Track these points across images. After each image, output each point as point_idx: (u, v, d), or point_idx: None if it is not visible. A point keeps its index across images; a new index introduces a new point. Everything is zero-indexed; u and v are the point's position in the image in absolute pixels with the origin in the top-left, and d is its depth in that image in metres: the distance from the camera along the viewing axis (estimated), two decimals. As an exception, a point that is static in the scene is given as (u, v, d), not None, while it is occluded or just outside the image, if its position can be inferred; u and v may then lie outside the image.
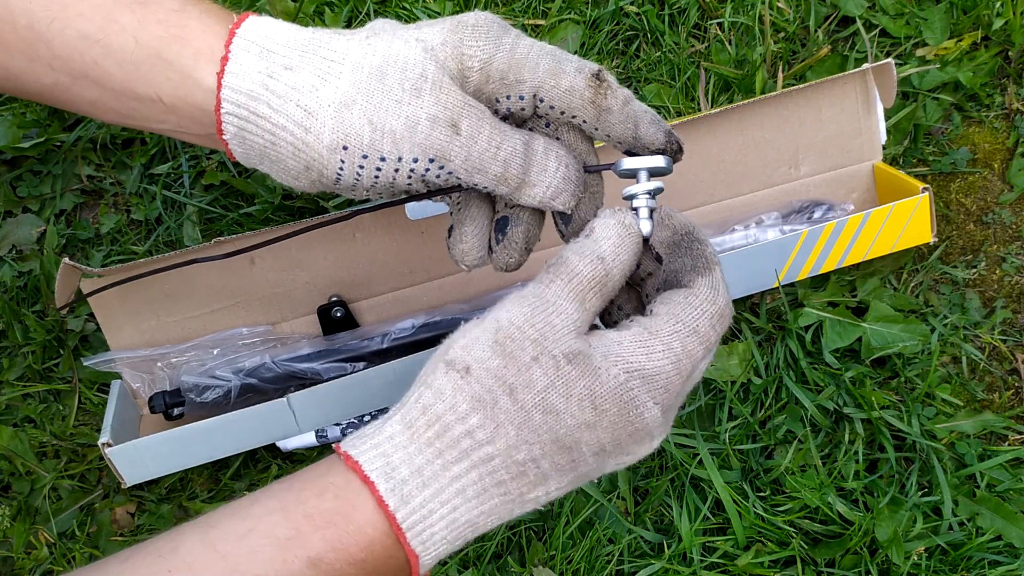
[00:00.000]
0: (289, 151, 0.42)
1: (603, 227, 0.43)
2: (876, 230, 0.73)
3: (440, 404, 0.39)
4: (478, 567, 0.72)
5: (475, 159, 0.42)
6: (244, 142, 0.43)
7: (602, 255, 0.42)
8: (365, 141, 0.41)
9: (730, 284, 0.73)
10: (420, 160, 0.42)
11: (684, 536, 0.70)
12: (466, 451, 0.39)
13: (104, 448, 0.67)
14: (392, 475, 0.38)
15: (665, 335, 0.41)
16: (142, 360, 0.75)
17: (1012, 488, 0.72)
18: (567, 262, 0.42)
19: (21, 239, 0.82)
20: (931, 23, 0.83)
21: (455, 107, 0.42)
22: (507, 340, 0.40)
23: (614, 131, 0.46)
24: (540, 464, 0.40)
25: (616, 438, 0.40)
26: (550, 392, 0.39)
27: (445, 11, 0.85)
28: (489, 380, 0.39)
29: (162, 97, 0.43)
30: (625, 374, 0.40)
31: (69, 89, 0.44)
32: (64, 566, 0.74)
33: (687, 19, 0.85)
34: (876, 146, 0.79)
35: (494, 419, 0.39)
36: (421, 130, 0.41)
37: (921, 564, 0.69)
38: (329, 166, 0.42)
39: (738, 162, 0.78)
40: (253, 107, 0.41)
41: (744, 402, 0.75)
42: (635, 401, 0.40)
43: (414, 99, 0.41)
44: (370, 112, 0.41)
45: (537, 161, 0.44)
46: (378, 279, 0.77)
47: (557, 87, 0.44)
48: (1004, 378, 0.78)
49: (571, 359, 0.40)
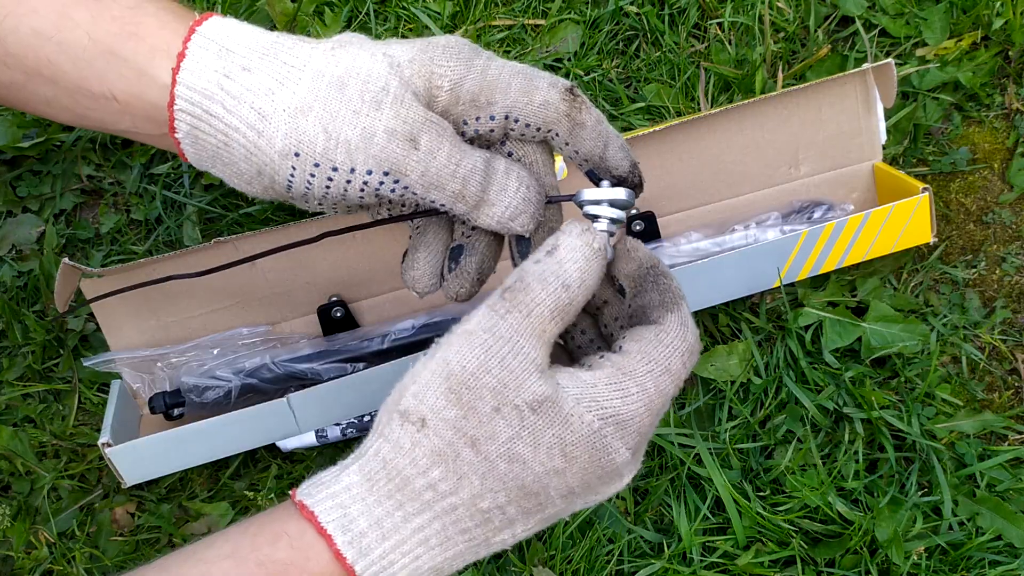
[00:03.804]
0: (241, 153, 0.41)
1: (569, 248, 0.39)
2: (876, 230, 0.73)
3: (400, 458, 0.38)
4: (478, 567, 0.72)
5: (432, 175, 0.41)
6: (196, 142, 0.42)
7: (567, 282, 0.39)
8: (318, 149, 0.40)
9: (730, 284, 0.74)
10: (374, 173, 0.40)
11: (684, 536, 0.70)
12: (428, 503, 0.38)
13: (104, 448, 0.67)
14: (350, 527, 0.37)
15: (639, 375, 0.39)
16: (142, 360, 0.75)
17: (1012, 488, 0.72)
18: (528, 289, 0.38)
19: (21, 239, 0.82)
20: (931, 23, 0.83)
21: (415, 122, 0.40)
22: (462, 388, 0.38)
23: (583, 147, 0.44)
24: (506, 510, 0.39)
25: (585, 481, 0.39)
26: (515, 442, 0.38)
27: (445, 11, 0.85)
28: (448, 432, 0.38)
29: (116, 95, 0.42)
30: (600, 421, 0.38)
31: (24, 87, 0.43)
32: (64, 566, 0.74)
33: (687, 19, 0.85)
34: (876, 146, 0.79)
35: (456, 471, 0.38)
36: (377, 142, 0.40)
37: (921, 564, 0.69)
38: (280, 172, 0.41)
39: (738, 162, 0.78)
40: (207, 106, 0.40)
41: (744, 402, 0.75)
42: (608, 448, 0.38)
43: (373, 111, 0.40)
44: (326, 120, 0.40)
45: (497, 180, 0.42)
46: (378, 279, 0.77)
47: (531, 103, 0.43)
48: (1004, 378, 0.78)
49: (536, 408, 0.38)
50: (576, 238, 0.39)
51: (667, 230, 0.79)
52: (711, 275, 0.73)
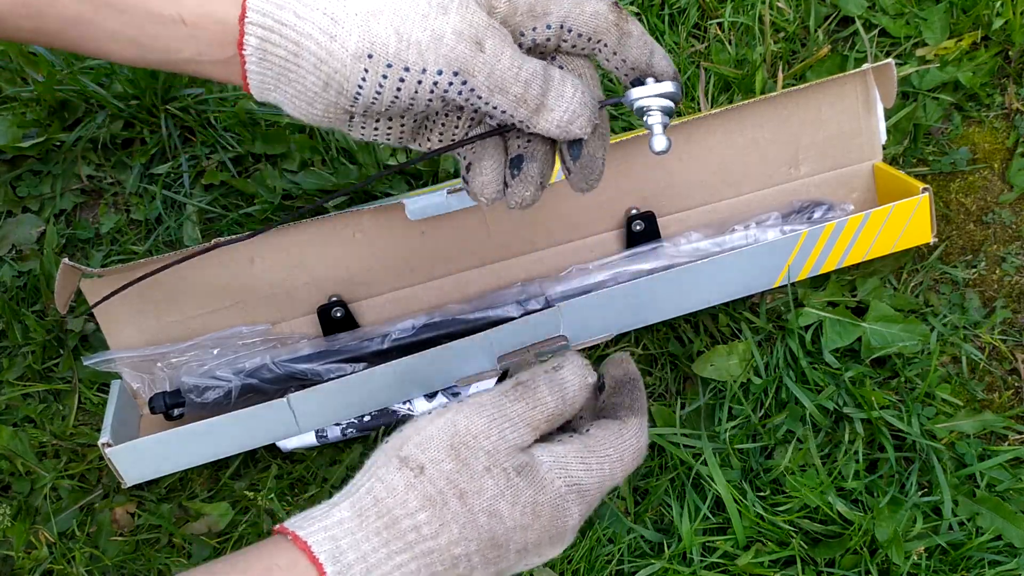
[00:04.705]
0: (311, 63, 0.42)
1: (572, 371, 0.47)
2: (876, 230, 0.73)
3: (391, 499, 0.42)
4: (478, 567, 0.72)
5: (497, 77, 0.42)
6: (264, 57, 0.43)
7: (566, 397, 0.46)
8: (391, 50, 0.41)
9: (730, 284, 0.74)
10: (444, 73, 0.42)
11: (684, 536, 0.70)
12: (411, 543, 0.41)
13: (104, 448, 0.67)
14: (340, 559, 0.40)
15: (601, 455, 0.46)
16: (142, 360, 0.75)
17: (1012, 488, 0.72)
18: (537, 390, 0.46)
19: (21, 239, 0.82)
20: (931, 23, 0.83)
21: (480, 26, 0.42)
22: (462, 447, 0.43)
23: (631, 54, 0.47)
24: (472, 559, 0.43)
25: (540, 539, 0.45)
26: (498, 500, 0.43)
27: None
28: (442, 482, 0.42)
29: (184, 17, 0.43)
30: (566, 487, 0.45)
31: (91, 22, 0.44)
32: (64, 566, 0.74)
33: (687, 19, 0.85)
34: (876, 146, 0.79)
35: (441, 518, 0.42)
36: (447, 42, 0.41)
37: (921, 564, 0.69)
38: (351, 77, 0.42)
39: (738, 162, 0.78)
40: (278, 15, 0.41)
41: (744, 402, 0.75)
42: (567, 511, 0.45)
43: (440, 14, 0.41)
44: (396, 23, 0.41)
45: (555, 86, 0.44)
46: (378, 279, 0.77)
47: (583, 13, 0.45)
48: (1004, 378, 0.78)
49: (520, 471, 0.44)
50: (579, 367, 0.47)
51: (667, 230, 0.79)
52: (711, 275, 0.73)
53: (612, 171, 0.77)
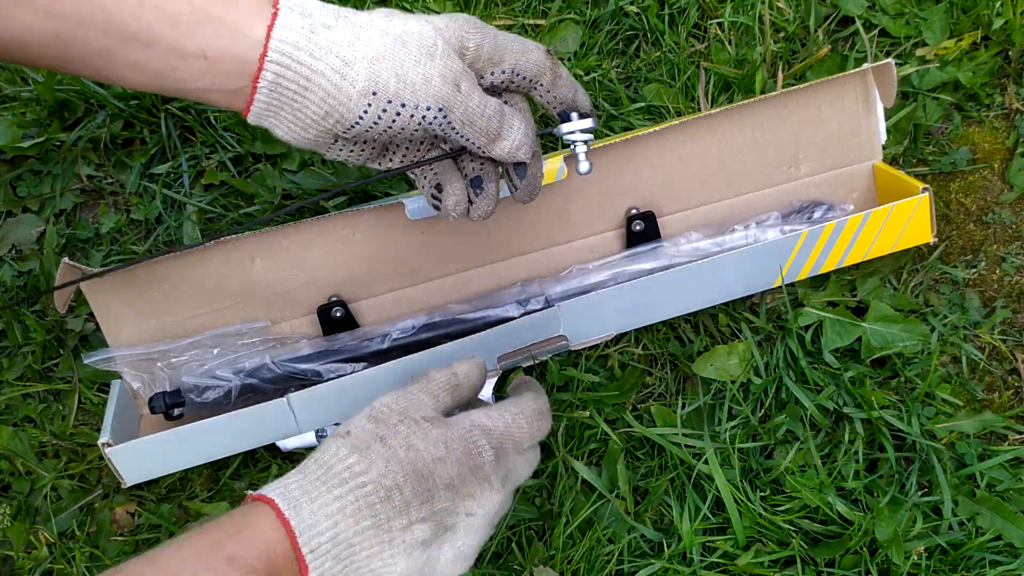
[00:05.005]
0: (318, 96, 0.50)
1: (459, 361, 0.58)
2: (876, 230, 0.73)
3: (326, 455, 0.51)
4: (478, 567, 0.72)
5: (469, 113, 0.52)
6: (275, 89, 0.49)
7: (455, 371, 0.57)
8: (391, 89, 0.50)
9: (730, 284, 0.74)
10: (432, 108, 0.51)
11: (684, 536, 0.70)
12: (345, 480, 0.50)
13: (104, 448, 0.67)
14: (287, 496, 0.49)
15: (501, 410, 0.56)
16: (142, 359, 0.75)
17: (1012, 488, 0.72)
18: (429, 373, 0.57)
19: (21, 239, 0.82)
20: (931, 23, 0.83)
21: (457, 71, 0.52)
22: (378, 414, 0.53)
23: (560, 93, 0.58)
24: (403, 490, 0.50)
25: (461, 473, 0.52)
26: (412, 436, 0.52)
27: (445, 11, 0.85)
28: (365, 435, 0.52)
29: (206, 53, 0.49)
30: (471, 424, 0.54)
31: (116, 53, 0.49)
32: (64, 566, 0.75)
33: (687, 19, 0.85)
34: (876, 146, 0.79)
35: (368, 458, 0.51)
36: (434, 84, 0.51)
37: (921, 564, 0.69)
38: (354, 109, 0.50)
39: (738, 162, 0.78)
40: (296, 55, 0.49)
41: (744, 402, 0.75)
42: (477, 444, 0.53)
43: (429, 60, 0.51)
44: (396, 67, 0.50)
45: (507, 120, 0.55)
46: (378, 279, 0.77)
47: (528, 61, 0.56)
48: (1004, 378, 0.78)
49: (428, 419, 0.53)
50: (473, 364, 0.58)
51: (667, 230, 0.79)
52: (711, 275, 0.73)
53: (612, 171, 0.77)
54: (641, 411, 0.77)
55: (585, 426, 0.75)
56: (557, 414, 0.75)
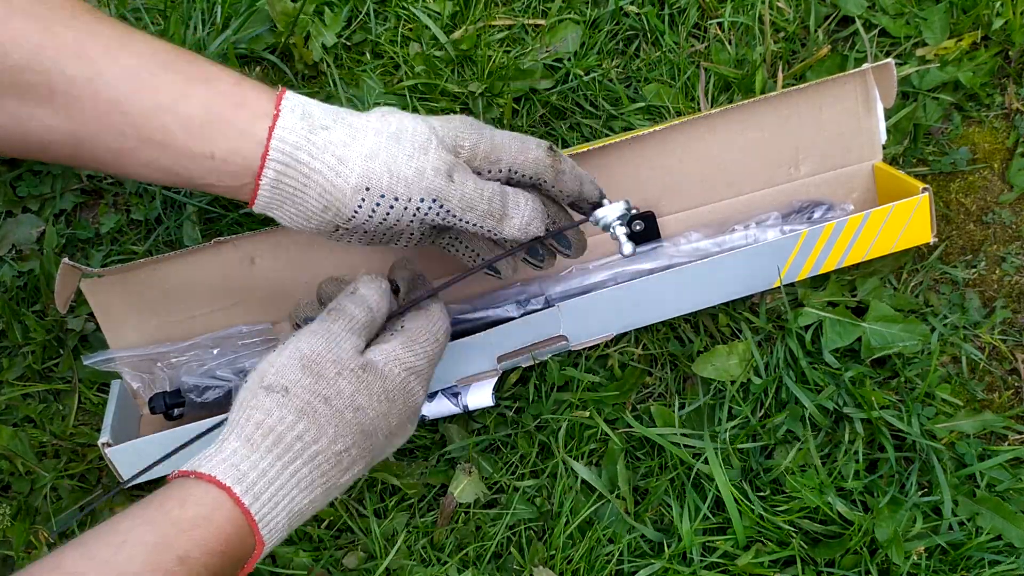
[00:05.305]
0: (316, 191, 0.53)
1: (367, 287, 0.57)
2: (876, 230, 0.73)
3: (270, 419, 0.50)
4: (478, 567, 0.72)
5: (467, 199, 0.55)
6: (277, 185, 0.53)
7: (371, 306, 0.57)
8: (384, 184, 0.53)
9: (730, 284, 0.74)
10: (425, 200, 0.54)
11: (684, 536, 0.70)
12: (299, 452, 0.49)
13: (104, 448, 0.67)
14: (243, 479, 0.47)
15: (421, 341, 0.57)
16: (142, 359, 0.75)
17: (1012, 488, 0.72)
18: (346, 309, 0.56)
19: (21, 239, 0.82)
20: (931, 23, 0.83)
21: (451, 163, 0.54)
22: (312, 364, 0.52)
23: (565, 188, 0.60)
24: (351, 451, 0.52)
25: (401, 421, 0.55)
26: (356, 396, 0.52)
27: (445, 11, 0.85)
28: (306, 395, 0.51)
29: (215, 152, 0.52)
30: (404, 372, 0.55)
31: (130, 152, 0.52)
32: (64, 566, 0.74)
33: (687, 19, 0.85)
34: (876, 146, 0.79)
35: (316, 422, 0.50)
36: (427, 177, 0.53)
37: (921, 564, 0.69)
38: (349, 204, 0.53)
39: (738, 162, 0.78)
40: (295, 155, 0.52)
41: (744, 402, 0.75)
42: (413, 391, 0.56)
43: (422, 155, 0.53)
44: (389, 163, 0.52)
45: (511, 199, 0.57)
46: (378, 279, 0.77)
47: (527, 160, 0.57)
48: (1004, 378, 0.78)
49: (365, 368, 0.53)
50: (371, 282, 0.58)
51: (667, 230, 0.79)
52: (711, 275, 0.73)
53: (612, 171, 0.77)
54: (641, 411, 0.77)
55: (585, 426, 0.75)
56: (557, 415, 0.75)
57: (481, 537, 0.73)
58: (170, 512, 0.46)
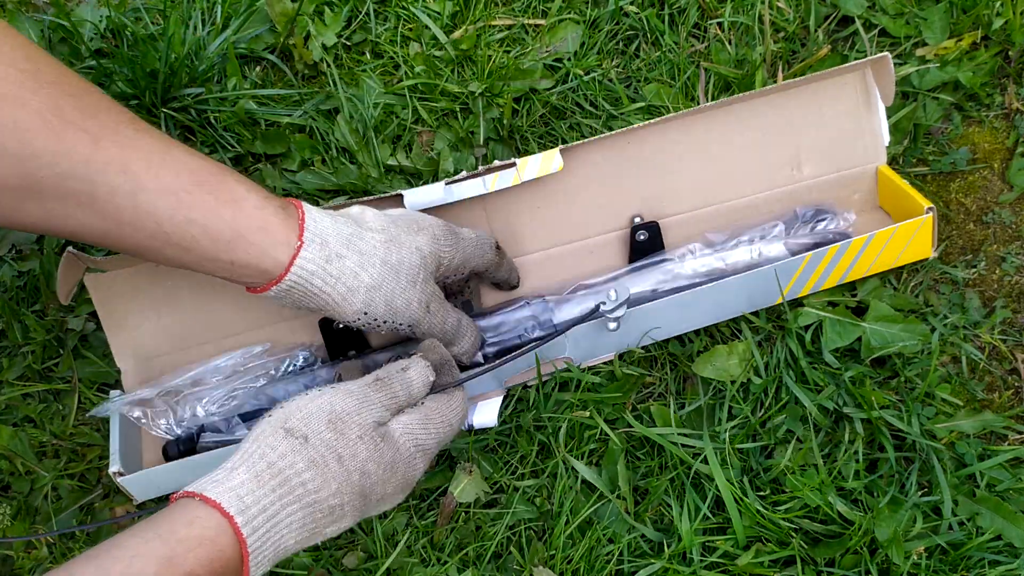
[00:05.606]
0: (319, 303, 0.61)
1: (418, 373, 0.62)
2: (879, 249, 0.74)
3: (282, 462, 0.53)
4: (478, 567, 0.72)
5: (434, 327, 0.66)
6: (287, 293, 0.60)
7: (412, 392, 0.61)
8: (380, 312, 0.62)
9: (734, 303, 0.74)
10: (404, 324, 0.64)
11: (684, 535, 0.70)
12: (299, 496, 0.53)
13: (116, 477, 0.68)
14: (245, 512, 0.50)
15: (436, 422, 0.61)
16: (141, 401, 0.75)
17: (1012, 488, 0.72)
18: (392, 385, 0.60)
19: (21, 239, 0.82)
20: (931, 23, 0.83)
21: (431, 295, 0.65)
22: (339, 421, 0.56)
23: (499, 275, 0.75)
24: (344, 508, 0.55)
25: (395, 490, 0.59)
26: (368, 462, 0.56)
27: (445, 11, 0.85)
28: (323, 448, 0.55)
29: (235, 262, 0.58)
30: (414, 447, 0.59)
31: (158, 250, 0.58)
32: (64, 566, 0.74)
33: (687, 19, 0.85)
34: (879, 147, 0.79)
35: (323, 476, 0.54)
36: (411, 309, 0.63)
37: (921, 564, 0.69)
38: (347, 318, 0.62)
39: (740, 163, 0.78)
40: (310, 280, 0.59)
41: (744, 402, 0.75)
42: (416, 465, 0.60)
43: (411, 288, 0.63)
44: (387, 295, 0.62)
45: (462, 331, 0.69)
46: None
47: (483, 261, 0.70)
48: (1004, 378, 0.78)
49: (383, 438, 0.57)
50: (424, 368, 0.62)
51: (669, 231, 0.79)
52: (715, 297, 0.74)
53: (614, 173, 0.77)
54: (641, 411, 0.77)
55: (585, 426, 0.75)
56: (557, 415, 0.75)
57: (481, 537, 0.73)
58: (178, 531, 0.49)
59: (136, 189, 0.55)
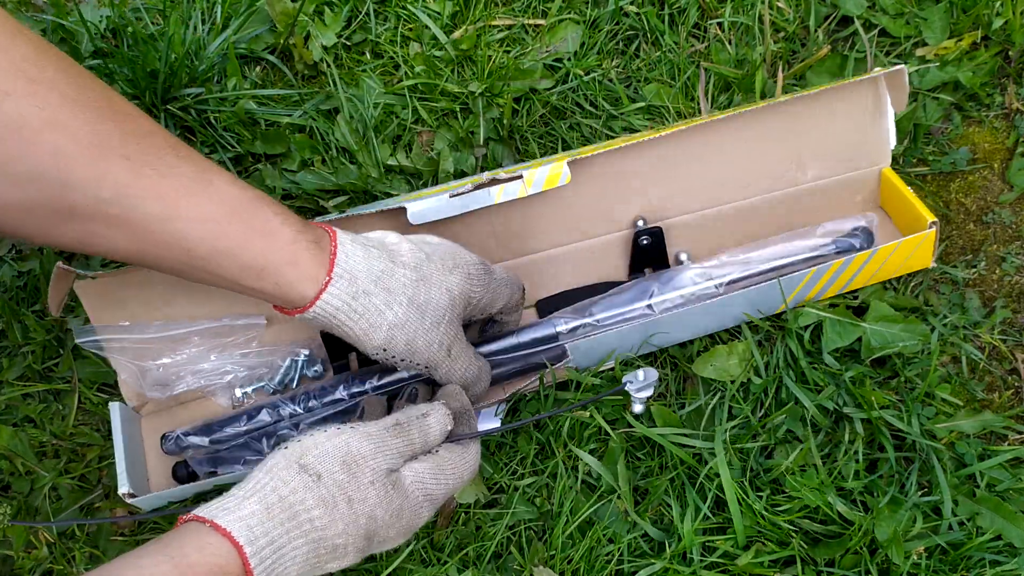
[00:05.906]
0: (341, 335, 0.62)
1: (436, 420, 0.62)
2: (881, 262, 0.74)
3: (293, 497, 0.54)
4: (478, 567, 0.72)
5: (452, 371, 0.66)
6: (311, 321, 0.61)
7: (428, 439, 0.61)
8: (400, 351, 0.63)
9: (736, 314, 0.75)
10: (421, 364, 0.64)
11: (684, 535, 0.70)
12: (306, 532, 0.53)
13: (127, 498, 0.69)
14: (254, 542, 0.51)
15: (447, 473, 0.61)
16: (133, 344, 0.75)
17: (1012, 488, 0.72)
18: (410, 432, 0.60)
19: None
20: (931, 23, 0.83)
21: (453, 337, 0.65)
22: (353, 464, 0.56)
23: (512, 317, 0.75)
24: (347, 548, 0.56)
25: (398, 534, 0.59)
26: (377, 508, 0.56)
27: (445, 11, 0.85)
28: (335, 489, 0.55)
29: (263, 290, 0.59)
30: (422, 496, 0.59)
31: (187, 272, 0.59)
32: (64, 566, 0.74)
33: (687, 19, 0.85)
34: (885, 151, 0.79)
35: (331, 515, 0.54)
36: (431, 349, 0.64)
37: (921, 564, 0.69)
38: (366, 351, 0.63)
39: (744, 165, 0.78)
40: (335, 314, 0.60)
41: (744, 402, 0.75)
42: (421, 514, 0.60)
43: (435, 329, 0.63)
44: (409, 335, 0.62)
45: (480, 379, 0.69)
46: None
47: (508, 303, 0.71)
48: (1004, 378, 0.78)
49: (394, 484, 0.58)
50: (441, 418, 0.62)
51: (672, 232, 0.79)
52: (719, 310, 0.74)
53: (616, 174, 0.77)
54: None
55: (585, 426, 0.75)
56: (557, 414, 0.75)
57: (481, 537, 0.73)
58: (189, 555, 0.50)
59: (171, 216, 0.56)
